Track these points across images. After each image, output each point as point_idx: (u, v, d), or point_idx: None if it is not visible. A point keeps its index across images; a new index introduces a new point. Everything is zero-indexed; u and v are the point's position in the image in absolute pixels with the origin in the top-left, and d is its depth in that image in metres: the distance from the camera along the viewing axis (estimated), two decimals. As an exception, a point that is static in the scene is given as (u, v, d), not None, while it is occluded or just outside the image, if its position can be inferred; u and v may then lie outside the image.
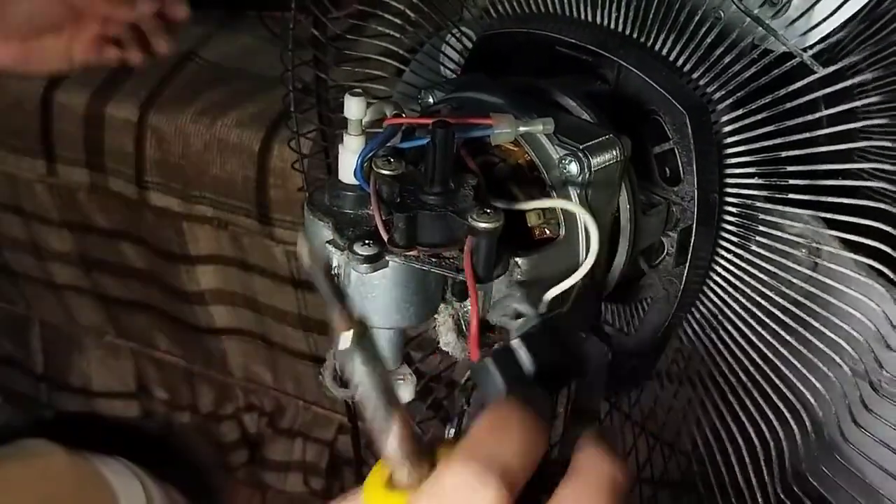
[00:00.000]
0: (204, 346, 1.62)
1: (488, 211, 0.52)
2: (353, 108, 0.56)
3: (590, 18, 0.68)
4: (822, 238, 0.64)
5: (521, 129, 0.58)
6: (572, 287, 0.60)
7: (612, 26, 0.67)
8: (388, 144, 0.57)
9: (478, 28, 0.76)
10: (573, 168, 0.57)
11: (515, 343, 0.54)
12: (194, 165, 1.42)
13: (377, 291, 0.55)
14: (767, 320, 0.66)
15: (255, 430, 1.68)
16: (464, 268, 0.53)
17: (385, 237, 0.54)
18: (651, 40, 0.65)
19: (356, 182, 0.57)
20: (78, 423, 1.78)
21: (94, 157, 1.49)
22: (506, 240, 0.54)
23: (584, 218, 0.57)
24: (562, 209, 0.58)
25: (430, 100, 0.64)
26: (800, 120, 0.61)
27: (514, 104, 0.60)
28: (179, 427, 1.78)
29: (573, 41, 0.66)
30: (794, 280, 0.65)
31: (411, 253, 0.54)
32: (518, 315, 0.55)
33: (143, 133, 1.43)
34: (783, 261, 0.65)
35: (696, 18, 0.63)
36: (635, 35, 0.66)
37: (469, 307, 0.55)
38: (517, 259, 0.56)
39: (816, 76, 0.60)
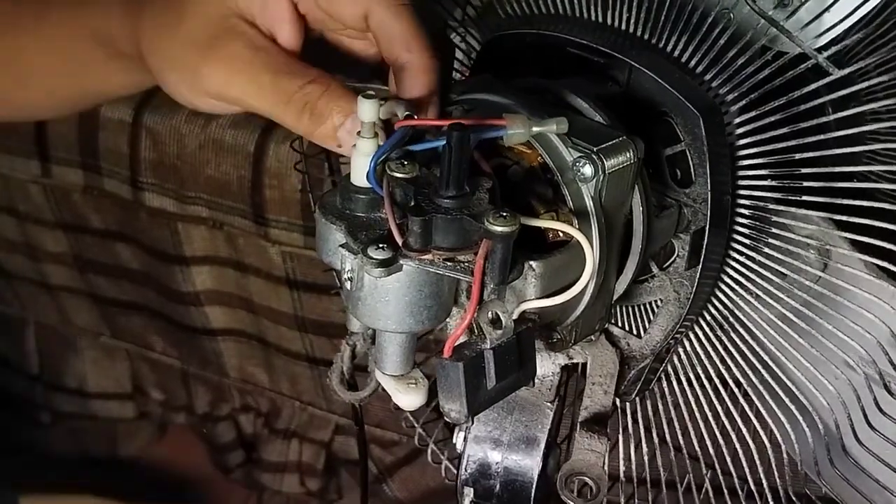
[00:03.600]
0: (199, 346, 1.61)
1: (504, 214, 0.51)
2: (366, 110, 0.55)
3: (600, 19, 0.68)
4: (833, 239, 0.64)
5: (535, 129, 0.57)
6: (583, 293, 0.60)
7: (623, 27, 0.66)
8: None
9: (485, 28, 0.76)
10: (587, 170, 0.57)
11: (489, 355, 0.54)
12: (189, 166, 1.41)
13: (391, 296, 0.55)
14: (778, 322, 0.66)
15: (251, 431, 1.68)
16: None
17: (399, 241, 0.53)
18: (663, 42, 0.65)
19: (369, 185, 0.56)
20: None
21: (88, 157, 1.48)
22: (520, 243, 0.53)
23: (583, 243, 0.56)
24: (573, 210, 0.58)
25: (441, 101, 0.64)
26: (813, 122, 0.61)
27: (526, 106, 0.60)
28: (175, 428, 1.77)
29: (585, 42, 0.65)
30: (805, 281, 0.65)
31: (426, 257, 0.53)
32: (497, 321, 0.54)
33: (137, 133, 1.43)
34: (794, 262, 0.65)
35: (709, 20, 0.62)
36: (646, 36, 0.66)
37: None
38: (532, 262, 0.55)
39: (831, 78, 0.59)
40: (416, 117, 0.58)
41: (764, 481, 0.69)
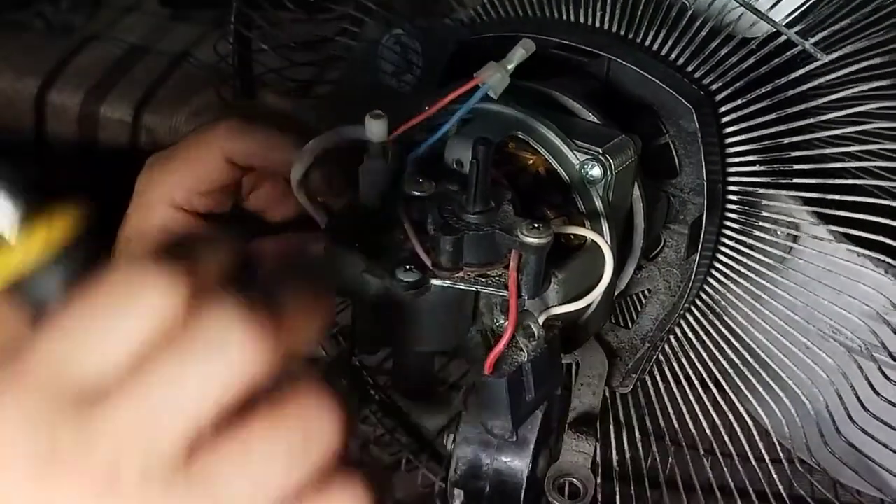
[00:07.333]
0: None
1: (537, 225, 0.50)
2: (376, 129, 0.54)
3: (573, 19, 0.67)
4: (821, 224, 0.65)
5: (510, 65, 0.57)
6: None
7: (598, 25, 0.66)
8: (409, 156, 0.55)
9: (453, 29, 0.74)
10: (596, 172, 0.57)
11: (527, 367, 0.54)
12: (188, 166, 1.38)
13: (420, 316, 0.54)
14: (769, 307, 0.67)
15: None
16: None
17: (428, 261, 0.52)
18: (640, 36, 0.65)
19: (380, 205, 0.55)
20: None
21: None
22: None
23: (602, 245, 0.56)
24: (584, 210, 0.58)
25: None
26: (801, 107, 0.62)
27: (524, 110, 0.59)
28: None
29: (566, 42, 0.65)
30: (796, 263, 0.66)
31: (459, 275, 0.52)
32: (530, 334, 0.54)
33: (137, 133, 1.39)
34: (784, 243, 0.65)
35: (689, 13, 0.63)
36: (623, 32, 0.66)
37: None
38: (556, 271, 0.55)
39: (818, 63, 0.60)
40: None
41: (756, 467, 0.70)
